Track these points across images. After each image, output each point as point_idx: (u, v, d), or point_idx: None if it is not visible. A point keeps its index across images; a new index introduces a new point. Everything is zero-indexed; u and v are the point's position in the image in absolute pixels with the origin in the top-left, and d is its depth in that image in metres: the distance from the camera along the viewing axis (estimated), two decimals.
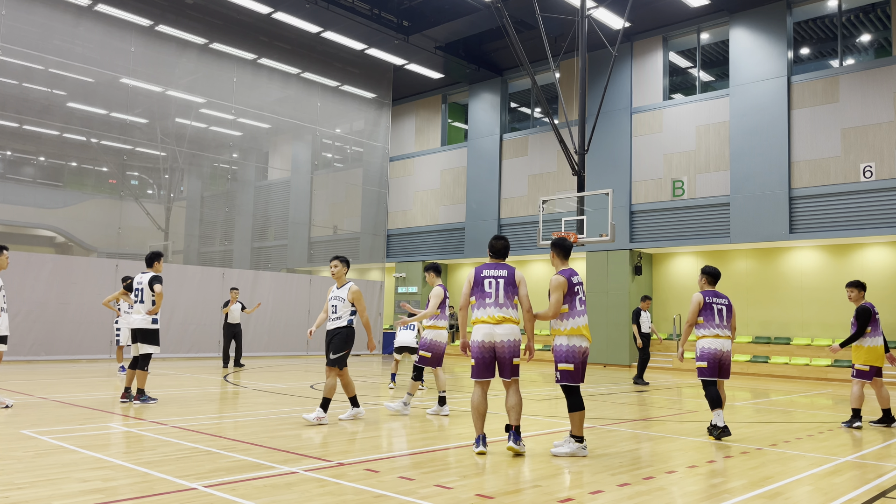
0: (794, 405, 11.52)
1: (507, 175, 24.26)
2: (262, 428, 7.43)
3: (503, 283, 6.24)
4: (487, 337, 6.18)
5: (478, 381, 6.26)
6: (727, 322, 7.73)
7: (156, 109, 20.73)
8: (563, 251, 6.62)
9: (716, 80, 21.06)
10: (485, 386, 6.29)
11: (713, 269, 7.93)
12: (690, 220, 19.95)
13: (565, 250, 6.63)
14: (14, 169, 19.38)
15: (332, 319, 7.85)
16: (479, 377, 6.23)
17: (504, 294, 6.22)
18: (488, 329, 6.18)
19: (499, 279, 6.25)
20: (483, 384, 6.28)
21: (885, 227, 16.80)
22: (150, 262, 9.36)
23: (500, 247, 6.49)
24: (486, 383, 6.30)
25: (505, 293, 6.22)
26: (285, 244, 24.70)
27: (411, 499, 4.58)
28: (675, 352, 20.25)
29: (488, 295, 6.24)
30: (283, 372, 15.47)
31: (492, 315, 6.18)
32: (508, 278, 6.26)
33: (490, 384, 6.36)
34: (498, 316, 6.17)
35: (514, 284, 6.26)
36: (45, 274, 16.55)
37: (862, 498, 4.99)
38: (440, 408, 8.78)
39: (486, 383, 6.29)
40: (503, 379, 6.27)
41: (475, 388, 6.28)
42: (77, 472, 5.08)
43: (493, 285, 6.24)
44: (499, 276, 6.27)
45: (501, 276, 6.27)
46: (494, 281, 6.25)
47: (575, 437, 6.26)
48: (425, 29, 21.44)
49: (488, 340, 6.18)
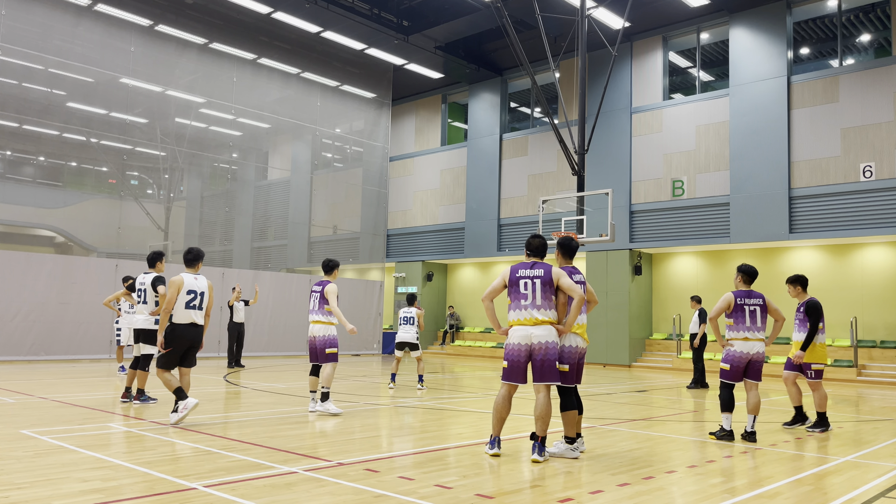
0: None
1: (507, 175, 24.26)
2: (262, 428, 7.43)
3: (539, 284, 6.04)
4: (524, 339, 5.99)
5: (506, 382, 6.09)
6: (761, 323, 7.42)
7: (156, 109, 20.72)
8: (567, 251, 6.51)
9: (716, 80, 21.06)
10: (512, 389, 6.10)
11: (750, 267, 7.60)
12: (690, 220, 19.95)
13: (570, 251, 6.52)
14: (14, 169, 19.37)
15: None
16: (509, 379, 6.05)
17: (542, 295, 6.02)
18: (525, 331, 6.00)
19: (535, 279, 6.06)
20: (510, 387, 6.09)
21: (885, 227, 16.80)
22: (153, 262, 9.36)
23: (537, 245, 6.29)
24: (514, 387, 6.10)
25: (542, 294, 6.03)
26: (285, 244, 24.70)
27: (411, 499, 4.58)
28: (674, 352, 20.26)
29: (524, 296, 6.05)
30: (283, 372, 15.47)
31: (528, 317, 6.01)
32: (545, 278, 6.03)
33: (517, 389, 6.15)
34: (535, 318, 6.00)
35: (551, 284, 6.04)
36: (45, 274, 16.54)
37: (862, 498, 4.99)
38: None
39: (513, 387, 6.09)
40: (535, 384, 6.05)
41: (501, 388, 6.12)
42: (77, 472, 5.08)
43: (530, 286, 6.05)
44: (535, 277, 6.06)
45: (538, 276, 6.06)
46: (531, 282, 6.07)
47: (566, 439, 6.17)
48: (425, 29, 21.44)
49: (525, 343, 5.99)
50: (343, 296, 23.03)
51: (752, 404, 7.42)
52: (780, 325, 7.57)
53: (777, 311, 7.58)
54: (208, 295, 7.77)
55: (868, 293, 17.90)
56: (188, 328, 7.58)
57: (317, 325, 8.52)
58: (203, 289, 7.72)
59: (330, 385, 8.55)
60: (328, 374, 8.47)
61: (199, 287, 7.69)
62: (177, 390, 7.41)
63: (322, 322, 8.51)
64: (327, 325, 8.52)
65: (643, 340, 21.42)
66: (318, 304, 8.55)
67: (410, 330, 12.25)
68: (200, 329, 7.71)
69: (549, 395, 6.05)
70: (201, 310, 7.68)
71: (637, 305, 21.08)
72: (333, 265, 8.87)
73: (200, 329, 7.71)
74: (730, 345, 7.47)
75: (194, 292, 7.63)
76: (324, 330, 8.50)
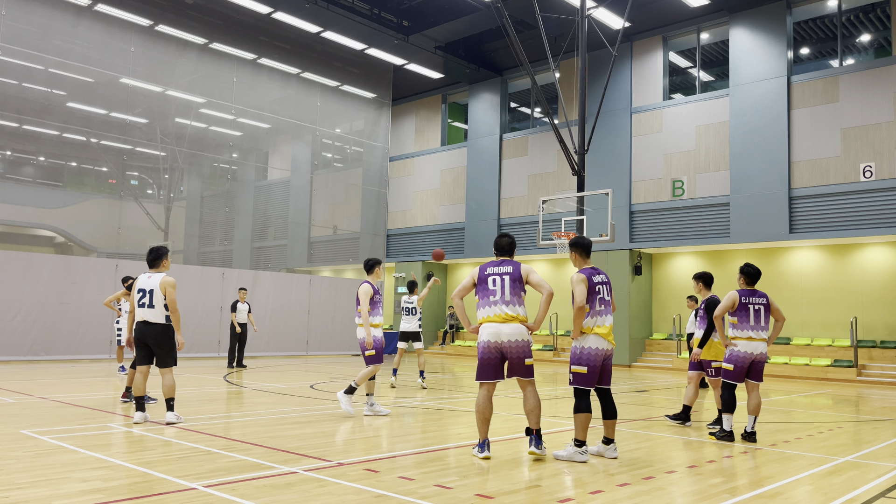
0: (794, 405, 11.51)
1: (507, 175, 24.26)
2: (262, 428, 7.43)
3: (509, 280, 6.03)
4: (494, 337, 5.97)
5: (482, 382, 6.06)
6: (764, 323, 7.39)
7: (156, 109, 20.72)
8: (583, 250, 6.45)
9: (716, 80, 21.06)
10: (490, 388, 6.07)
11: (752, 268, 7.51)
12: (690, 220, 19.95)
13: (586, 249, 6.47)
14: (14, 169, 19.36)
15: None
16: (483, 378, 6.04)
17: (511, 291, 6.01)
18: (494, 328, 5.98)
19: (504, 276, 6.05)
20: (488, 386, 6.07)
21: (885, 227, 16.80)
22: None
23: (505, 244, 6.32)
24: (492, 385, 6.08)
25: (511, 290, 6.02)
26: (285, 244, 24.70)
27: (411, 499, 4.58)
28: (674, 352, 20.25)
29: (493, 293, 6.04)
30: (283, 372, 15.47)
31: (498, 313, 5.98)
32: (514, 274, 6.03)
33: (496, 387, 6.14)
34: (504, 314, 5.97)
35: (520, 280, 6.04)
36: (45, 274, 16.54)
37: (862, 498, 4.99)
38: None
39: (491, 385, 6.07)
40: (519, 379, 6.06)
41: (480, 390, 6.08)
42: (77, 472, 5.08)
43: (499, 282, 6.04)
44: (504, 273, 6.07)
45: (507, 272, 6.06)
46: (500, 278, 6.06)
47: (576, 441, 6.08)
48: (425, 29, 21.44)
49: (494, 340, 5.98)
50: (343, 296, 23.10)
51: (753, 405, 7.39)
52: (780, 326, 7.52)
53: (778, 311, 7.52)
54: (159, 291, 7.64)
55: (868, 293, 17.90)
56: (139, 325, 7.68)
57: (359, 329, 8.44)
58: (153, 286, 7.67)
59: (361, 383, 8.43)
60: (363, 373, 8.39)
61: (149, 285, 7.69)
62: (136, 400, 7.65)
63: (358, 325, 8.45)
64: (360, 327, 8.41)
65: (643, 340, 21.42)
66: (356, 307, 8.55)
67: (412, 320, 12.20)
68: (155, 326, 7.62)
69: (535, 389, 6.08)
70: (152, 307, 7.62)
71: (637, 305, 21.09)
72: (372, 263, 8.70)
73: (155, 326, 7.62)
74: (733, 344, 7.44)
75: (143, 290, 7.69)
76: (358, 332, 8.43)
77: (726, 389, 7.47)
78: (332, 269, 27.43)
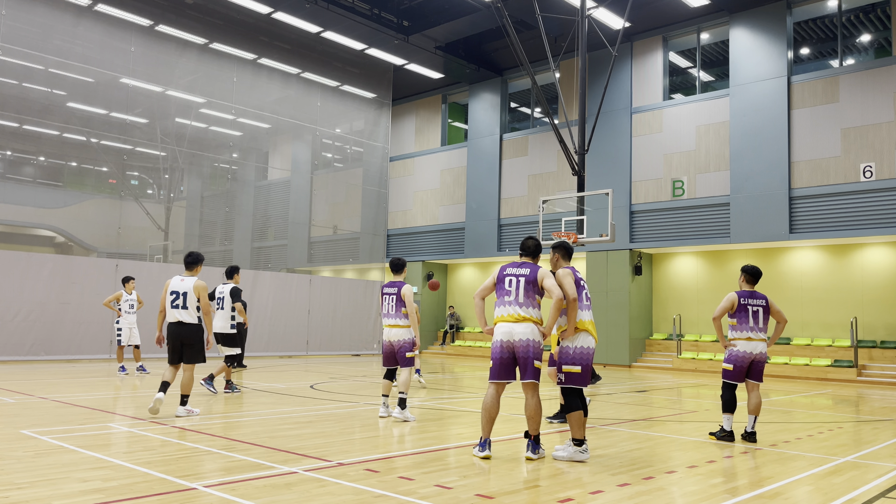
0: (794, 405, 11.51)
1: (507, 175, 24.26)
2: (262, 428, 7.44)
3: (524, 282, 6.06)
4: (506, 336, 6.00)
5: (493, 381, 6.08)
6: (763, 324, 7.41)
7: (156, 109, 20.72)
8: (566, 252, 6.56)
9: (716, 80, 21.06)
10: (499, 388, 6.08)
11: (754, 268, 7.55)
12: (690, 220, 19.95)
13: (569, 252, 6.58)
14: (14, 169, 19.37)
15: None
16: (495, 378, 6.05)
17: (524, 293, 6.04)
18: (507, 328, 6.01)
19: (520, 277, 6.10)
20: (498, 386, 6.08)
21: (885, 227, 16.80)
22: (230, 274, 11.04)
23: (530, 246, 6.36)
24: (502, 385, 6.09)
25: (525, 292, 6.05)
26: (285, 244, 24.70)
27: (411, 499, 4.58)
28: (674, 352, 20.25)
29: (507, 293, 6.09)
30: (283, 372, 15.47)
31: (511, 313, 6.03)
32: (529, 277, 6.06)
33: (505, 388, 6.14)
34: (517, 314, 6.01)
35: (535, 283, 6.06)
36: (45, 274, 16.54)
37: (862, 498, 4.99)
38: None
39: (501, 385, 6.08)
40: (522, 381, 6.05)
41: (489, 388, 6.11)
42: (77, 472, 5.08)
43: (514, 283, 6.09)
44: (520, 275, 6.11)
45: (523, 274, 6.10)
46: (515, 279, 6.10)
47: (574, 441, 6.09)
48: (425, 29, 21.44)
49: (507, 339, 6.00)
50: (343, 296, 23.10)
51: (754, 405, 7.40)
52: (781, 327, 7.53)
53: (779, 313, 7.53)
54: (193, 295, 8.09)
55: (868, 293, 17.90)
56: (172, 326, 8.12)
57: (395, 330, 8.24)
58: (186, 289, 8.08)
59: (408, 391, 8.40)
60: (405, 378, 8.30)
61: (182, 288, 8.09)
62: (162, 383, 8.10)
63: (400, 326, 8.25)
64: (405, 328, 8.25)
65: (643, 340, 21.42)
66: (395, 307, 8.27)
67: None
68: (188, 327, 8.08)
69: (538, 395, 6.04)
70: (186, 308, 8.05)
71: (637, 305, 21.08)
72: (403, 263, 8.64)
73: (188, 327, 8.08)
74: (732, 345, 7.46)
75: (176, 293, 8.08)
76: (403, 334, 8.24)
77: (726, 389, 7.49)
78: (333, 270, 27.45)
